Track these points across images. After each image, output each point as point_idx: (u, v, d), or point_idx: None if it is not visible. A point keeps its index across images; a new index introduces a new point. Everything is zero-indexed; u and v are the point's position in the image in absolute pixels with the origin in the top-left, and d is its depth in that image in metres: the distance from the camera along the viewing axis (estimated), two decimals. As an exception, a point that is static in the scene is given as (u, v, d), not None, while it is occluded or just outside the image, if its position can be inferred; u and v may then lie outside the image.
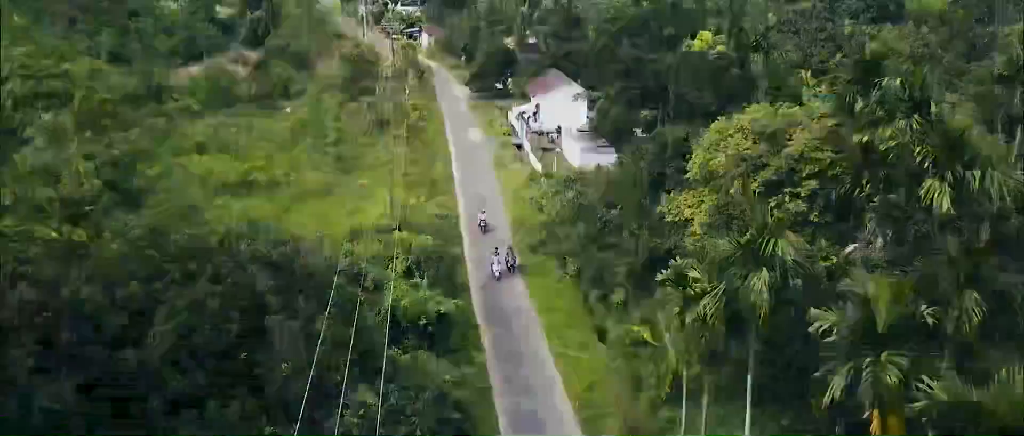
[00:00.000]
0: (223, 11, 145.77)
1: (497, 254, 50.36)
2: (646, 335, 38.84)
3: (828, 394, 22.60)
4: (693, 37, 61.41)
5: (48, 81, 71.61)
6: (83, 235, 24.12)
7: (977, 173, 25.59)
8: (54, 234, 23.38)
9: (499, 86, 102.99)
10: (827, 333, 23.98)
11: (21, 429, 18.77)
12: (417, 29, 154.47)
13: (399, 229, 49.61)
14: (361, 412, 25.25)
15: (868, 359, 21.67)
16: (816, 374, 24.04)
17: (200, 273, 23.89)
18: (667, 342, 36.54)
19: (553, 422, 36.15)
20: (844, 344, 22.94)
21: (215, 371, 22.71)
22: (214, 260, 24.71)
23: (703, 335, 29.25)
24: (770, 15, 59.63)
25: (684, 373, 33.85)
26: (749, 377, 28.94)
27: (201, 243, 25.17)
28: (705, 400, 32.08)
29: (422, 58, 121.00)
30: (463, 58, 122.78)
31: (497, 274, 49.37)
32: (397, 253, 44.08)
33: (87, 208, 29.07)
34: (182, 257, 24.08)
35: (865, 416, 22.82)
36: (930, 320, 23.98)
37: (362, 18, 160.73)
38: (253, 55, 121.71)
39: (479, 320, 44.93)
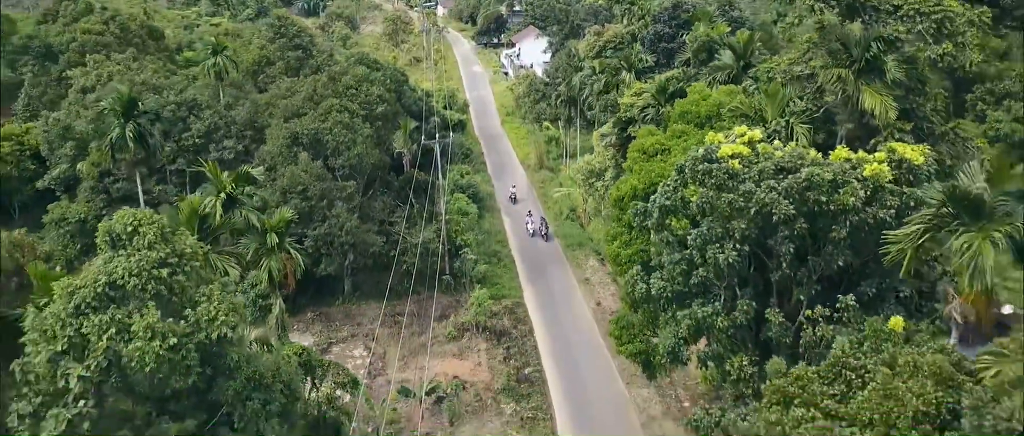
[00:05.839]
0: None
1: (530, 215, 64.54)
2: (552, 131, 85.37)
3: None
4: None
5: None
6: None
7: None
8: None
9: (495, 40, 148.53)
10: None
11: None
12: (434, 2, 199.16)
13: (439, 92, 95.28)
14: (434, 122, 71.33)
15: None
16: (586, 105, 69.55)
17: (377, 70, 69.61)
18: (560, 131, 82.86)
19: (510, 164, 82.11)
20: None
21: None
22: (385, 69, 70.30)
23: (566, 109, 74.92)
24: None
25: (565, 142, 79.96)
26: (578, 137, 74.73)
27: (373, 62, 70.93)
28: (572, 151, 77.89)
29: (439, 22, 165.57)
30: (469, 22, 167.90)
31: (531, 232, 62.84)
32: (439, 97, 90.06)
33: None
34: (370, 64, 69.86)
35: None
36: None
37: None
38: (308, 22, 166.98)
39: (477, 135, 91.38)
